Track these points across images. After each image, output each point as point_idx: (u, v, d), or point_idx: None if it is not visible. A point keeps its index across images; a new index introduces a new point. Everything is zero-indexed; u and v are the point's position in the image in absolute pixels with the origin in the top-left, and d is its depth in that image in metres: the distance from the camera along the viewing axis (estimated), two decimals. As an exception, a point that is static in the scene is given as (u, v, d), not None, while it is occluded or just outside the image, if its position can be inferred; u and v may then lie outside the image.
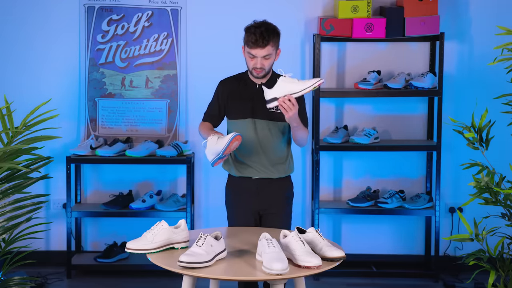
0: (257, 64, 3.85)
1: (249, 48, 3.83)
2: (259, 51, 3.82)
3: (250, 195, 3.95)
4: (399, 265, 5.46)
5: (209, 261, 3.13)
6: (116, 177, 5.44)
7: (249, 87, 3.97)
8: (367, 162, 5.45)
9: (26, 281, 3.99)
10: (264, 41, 3.81)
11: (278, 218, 3.96)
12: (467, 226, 3.74)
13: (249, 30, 3.85)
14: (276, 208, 3.96)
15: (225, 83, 4.04)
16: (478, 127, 3.89)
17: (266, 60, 3.86)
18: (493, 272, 3.72)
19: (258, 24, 3.86)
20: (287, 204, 4.02)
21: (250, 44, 3.82)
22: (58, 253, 5.46)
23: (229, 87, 4.01)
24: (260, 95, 3.88)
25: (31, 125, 3.75)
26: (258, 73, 3.89)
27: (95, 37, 5.36)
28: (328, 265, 3.20)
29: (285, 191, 4.00)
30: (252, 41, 3.81)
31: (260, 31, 3.81)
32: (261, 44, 3.81)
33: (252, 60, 3.86)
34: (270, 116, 3.92)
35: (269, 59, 3.87)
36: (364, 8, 5.09)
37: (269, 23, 3.90)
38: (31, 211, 3.81)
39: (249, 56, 3.87)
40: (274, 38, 3.85)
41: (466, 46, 5.35)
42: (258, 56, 3.83)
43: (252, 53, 3.83)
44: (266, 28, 3.83)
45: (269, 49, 3.83)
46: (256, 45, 3.81)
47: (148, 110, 5.40)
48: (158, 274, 5.19)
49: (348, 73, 5.38)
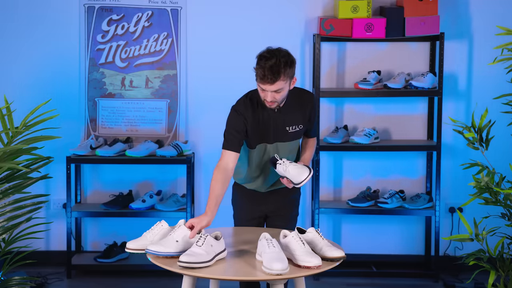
0: (267, 97, 3.53)
1: (258, 82, 3.51)
2: (268, 86, 3.48)
3: (257, 199, 3.89)
4: (399, 265, 5.46)
5: (209, 261, 3.13)
6: (116, 177, 5.44)
7: (266, 112, 3.65)
8: (367, 162, 5.45)
9: (26, 281, 3.99)
10: (273, 77, 3.45)
11: (285, 219, 3.93)
12: (467, 226, 3.74)
13: (259, 62, 3.49)
14: (284, 210, 3.93)
15: (241, 112, 3.64)
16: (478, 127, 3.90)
17: (277, 94, 3.52)
18: (493, 272, 3.72)
19: (270, 54, 3.49)
20: (295, 206, 3.97)
21: (258, 79, 3.49)
22: (58, 253, 5.46)
23: (250, 114, 3.64)
24: (277, 118, 3.65)
25: (31, 125, 3.75)
26: (270, 105, 3.57)
27: (95, 37, 5.36)
28: (328, 265, 3.20)
29: (293, 194, 3.95)
30: (260, 76, 3.47)
31: (269, 65, 3.44)
32: (270, 80, 3.45)
33: (262, 93, 3.54)
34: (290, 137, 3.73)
35: (281, 92, 3.52)
36: (364, 8, 5.09)
37: (283, 52, 3.51)
38: (31, 211, 3.81)
39: (260, 89, 3.54)
40: (286, 71, 3.47)
41: (466, 46, 5.35)
42: (269, 91, 3.50)
43: (262, 87, 3.51)
44: (277, 61, 3.45)
45: (279, 84, 3.48)
46: (264, 81, 3.47)
47: (148, 110, 5.40)
48: (158, 274, 5.19)
49: (348, 73, 5.38)
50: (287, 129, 3.69)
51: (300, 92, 3.75)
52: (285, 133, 3.70)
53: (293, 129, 3.70)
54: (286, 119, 3.68)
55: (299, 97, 3.71)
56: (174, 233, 3.27)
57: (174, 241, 3.23)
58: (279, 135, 3.70)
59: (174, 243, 3.23)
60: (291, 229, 3.87)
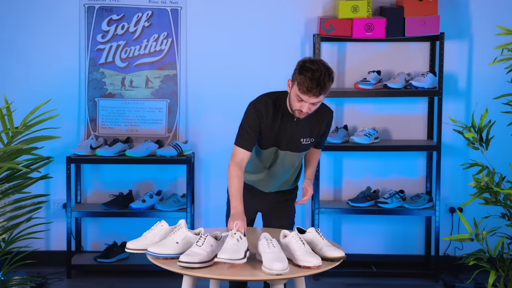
0: (304, 108, 3.47)
1: (300, 92, 3.42)
2: (312, 99, 3.42)
3: (252, 197, 3.90)
4: (399, 265, 5.46)
5: (209, 261, 3.14)
6: (116, 177, 5.44)
7: (286, 119, 3.62)
8: (367, 162, 5.45)
9: (26, 281, 3.99)
10: (321, 90, 3.39)
11: (279, 218, 3.94)
12: (467, 226, 3.74)
13: (305, 73, 3.39)
14: (277, 209, 3.94)
15: (260, 111, 3.60)
16: (478, 127, 3.90)
17: (314, 106, 3.49)
18: (493, 272, 3.72)
19: (316, 66, 3.41)
20: (290, 206, 3.98)
21: (303, 89, 3.39)
22: (58, 253, 5.46)
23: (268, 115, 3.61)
24: (294, 128, 3.63)
25: (31, 125, 3.75)
26: (300, 115, 3.52)
27: (95, 37, 5.36)
28: (328, 265, 3.20)
29: (288, 195, 3.97)
30: (306, 87, 3.38)
31: (317, 77, 3.37)
32: (316, 93, 3.39)
33: (299, 103, 3.46)
34: (301, 148, 3.71)
35: (317, 105, 3.50)
36: (364, 8, 5.09)
37: (327, 66, 3.45)
38: (31, 211, 3.81)
39: (296, 99, 3.46)
40: (330, 85, 3.43)
41: (466, 46, 5.35)
42: (307, 102, 3.44)
43: (301, 98, 3.43)
44: (323, 74, 3.38)
45: (322, 97, 3.44)
46: (309, 93, 3.39)
47: (148, 110, 5.40)
48: (158, 274, 5.19)
49: (348, 73, 5.38)
50: (300, 140, 3.68)
51: (321, 106, 3.67)
52: (298, 144, 3.69)
53: (306, 141, 3.69)
54: (303, 131, 3.67)
55: (320, 111, 3.66)
56: (174, 235, 3.27)
57: (174, 243, 3.23)
58: (291, 145, 3.68)
59: (174, 245, 3.23)
60: (288, 227, 3.89)
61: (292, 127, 3.64)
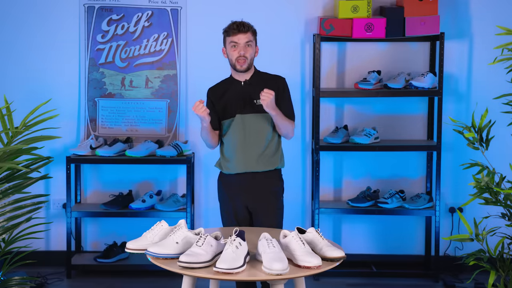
0: (240, 51, 3.96)
1: (230, 36, 3.96)
2: (241, 36, 3.95)
3: (236, 191, 4.02)
4: (399, 265, 5.46)
5: (209, 261, 3.14)
6: (116, 177, 5.44)
7: (235, 86, 4.07)
8: (367, 162, 5.45)
9: (26, 281, 3.99)
10: (245, 27, 3.96)
11: (266, 213, 3.99)
12: (467, 226, 3.74)
13: (229, 25, 4.02)
14: (263, 204, 4.01)
15: (212, 89, 4.17)
16: (478, 127, 3.89)
17: (248, 48, 3.98)
18: (493, 272, 3.72)
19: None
20: (276, 200, 4.05)
21: (231, 32, 3.96)
22: (58, 253, 5.46)
23: (215, 91, 4.13)
24: (245, 91, 4.03)
25: (31, 125, 3.75)
26: (241, 64, 3.99)
27: (95, 37, 5.36)
28: (328, 265, 3.20)
29: (271, 186, 4.05)
30: (233, 27, 3.96)
31: (239, 22, 3.99)
32: (243, 30, 3.95)
33: (235, 50, 3.97)
34: (258, 109, 4.01)
35: (250, 48, 3.99)
36: (364, 8, 5.09)
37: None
38: (31, 211, 3.81)
39: (231, 46, 3.98)
40: (253, 30, 4.02)
41: (466, 46, 5.35)
42: (241, 43, 3.95)
43: (234, 40, 3.96)
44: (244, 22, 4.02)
45: (250, 36, 3.97)
46: (238, 31, 3.95)
47: (148, 110, 5.40)
48: (158, 274, 5.19)
49: (348, 73, 5.38)
50: (254, 102, 4.01)
51: (271, 75, 4.12)
52: (252, 105, 4.01)
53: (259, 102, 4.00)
54: (255, 94, 4.00)
55: (269, 77, 4.09)
56: (174, 235, 3.27)
57: (174, 243, 3.23)
58: (247, 107, 4.01)
59: (174, 245, 3.23)
60: (278, 223, 3.95)
61: (241, 90, 4.04)
